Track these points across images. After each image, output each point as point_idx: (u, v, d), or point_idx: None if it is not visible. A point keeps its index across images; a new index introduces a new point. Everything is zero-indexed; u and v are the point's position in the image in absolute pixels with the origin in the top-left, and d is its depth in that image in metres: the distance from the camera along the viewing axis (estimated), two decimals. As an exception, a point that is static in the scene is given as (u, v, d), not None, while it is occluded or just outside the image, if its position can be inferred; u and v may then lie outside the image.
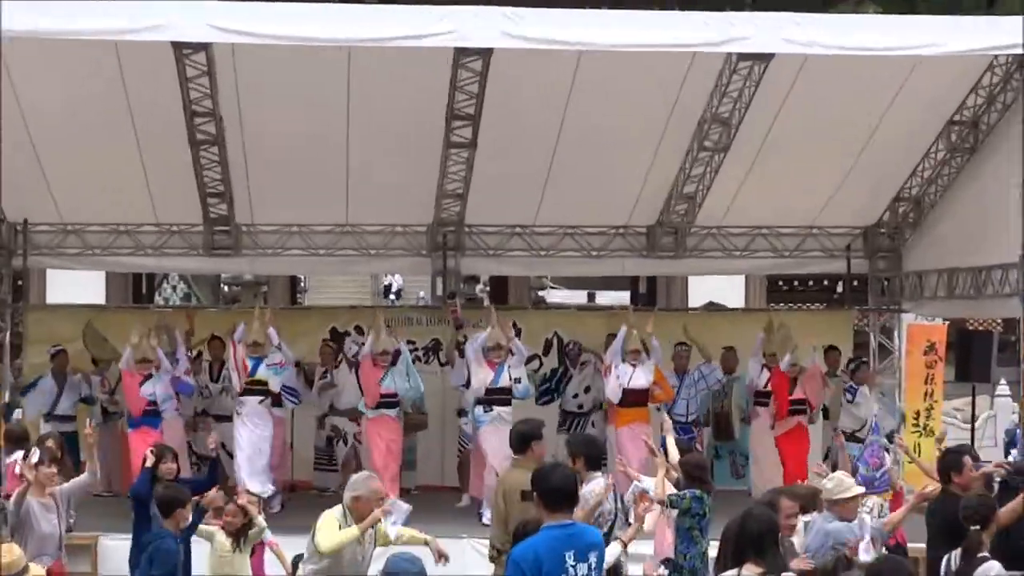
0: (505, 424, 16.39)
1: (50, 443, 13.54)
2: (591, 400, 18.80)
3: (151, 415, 16.76)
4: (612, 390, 17.36)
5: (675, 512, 11.69)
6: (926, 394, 20.34)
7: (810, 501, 11.36)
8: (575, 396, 18.85)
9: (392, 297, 43.21)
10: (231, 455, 16.83)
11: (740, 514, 8.39)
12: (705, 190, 17.97)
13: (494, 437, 16.33)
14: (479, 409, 16.91)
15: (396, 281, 39.61)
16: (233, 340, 16.90)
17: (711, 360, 18.94)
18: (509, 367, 16.92)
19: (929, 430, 20.00)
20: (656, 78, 15.58)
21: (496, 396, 16.82)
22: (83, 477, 12.49)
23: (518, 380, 17.02)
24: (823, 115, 16.37)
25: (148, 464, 12.49)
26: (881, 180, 18.48)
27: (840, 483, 11.10)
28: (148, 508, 11.78)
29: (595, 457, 11.63)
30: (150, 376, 16.80)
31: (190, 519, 11.36)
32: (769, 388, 18.11)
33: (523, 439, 11.30)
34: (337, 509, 9.94)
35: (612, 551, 10.26)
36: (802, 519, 11.08)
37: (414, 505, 13.57)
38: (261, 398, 16.84)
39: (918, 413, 20.07)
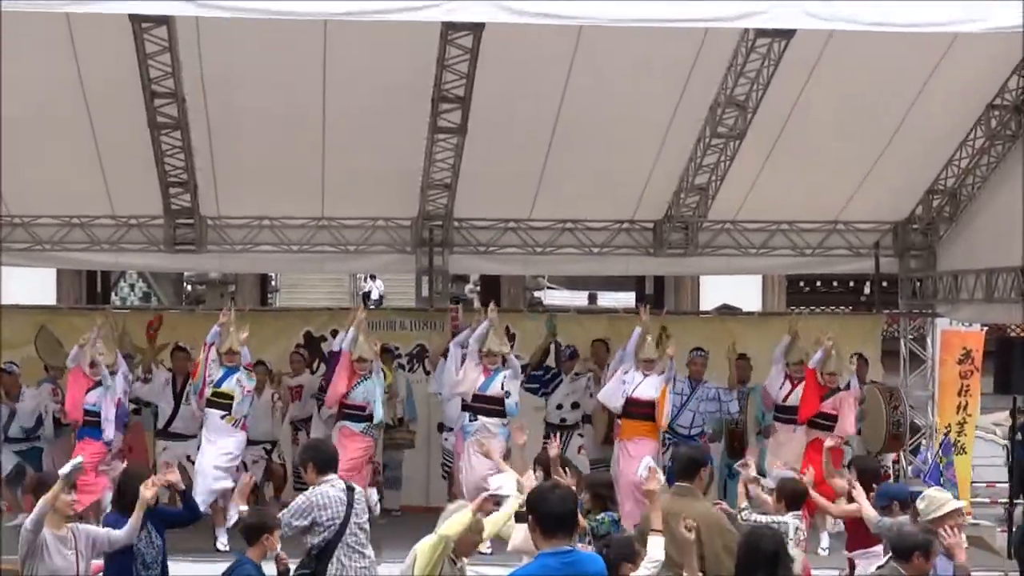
0: (491, 436, 16.36)
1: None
2: (576, 416, 18.79)
3: (91, 426, 16.63)
4: (613, 396, 17.21)
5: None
6: (959, 407, 20.27)
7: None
8: (559, 407, 18.84)
9: (371, 307, 42.96)
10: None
11: (747, 532, 8.41)
12: (718, 181, 17.93)
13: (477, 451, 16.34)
14: (465, 417, 16.90)
15: (376, 288, 39.44)
16: (206, 343, 16.76)
17: (734, 389, 18.75)
18: (504, 377, 16.86)
19: (961, 447, 19.95)
20: (664, 57, 15.53)
21: (483, 404, 16.77)
22: (120, 533, 11.33)
23: (508, 394, 16.91)
24: (849, 98, 16.34)
25: (147, 497, 11.39)
26: (913, 170, 18.44)
27: (932, 500, 10.94)
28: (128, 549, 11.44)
29: (325, 462, 11.42)
30: (99, 384, 16.68)
31: (278, 548, 10.99)
32: (790, 403, 17.84)
33: (690, 464, 11.10)
34: (431, 538, 9.81)
35: None
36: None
37: (398, 527, 13.49)
38: (223, 414, 16.71)
39: (949, 427, 20.00)
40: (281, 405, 18.01)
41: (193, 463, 17.05)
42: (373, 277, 40.64)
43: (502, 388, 16.82)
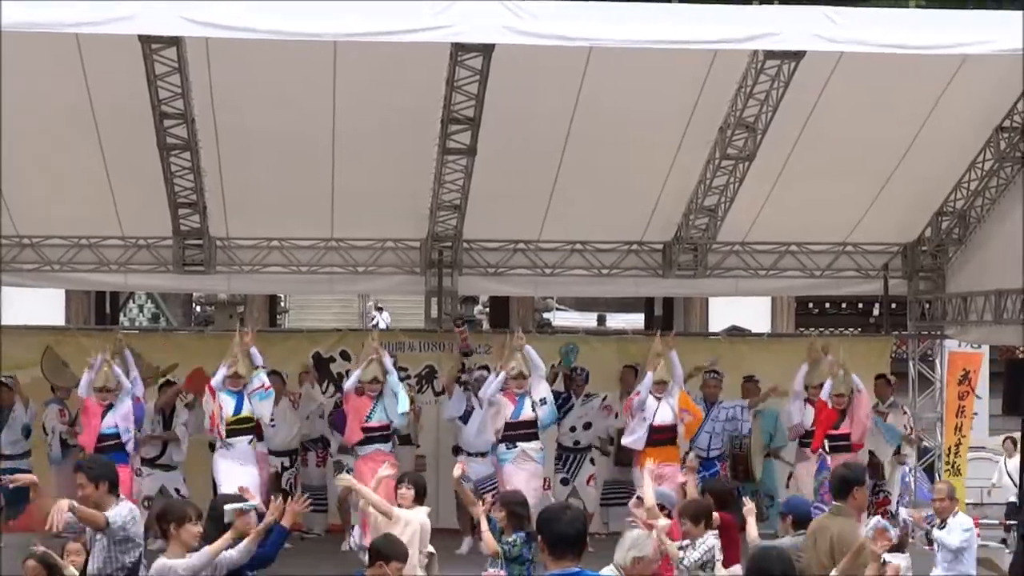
0: (529, 461, 16.37)
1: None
2: (589, 437, 18.76)
3: (113, 450, 16.36)
4: (637, 436, 17.17)
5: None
6: (956, 428, 20.27)
7: None
8: (572, 430, 18.81)
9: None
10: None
11: (754, 555, 8.40)
12: (728, 202, 17.91)
13: (519, 475, 16.31)
14: (501, 447, 16.93)
15: (383, 320, 39.37)
16: (211, 387, 16.68)
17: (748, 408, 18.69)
18: (530, 395, 16.85)
19: (957, 468, 19.94)
20: (674, 78, 15.53)
21: (519, 431, 16.77)
22: (234, 553, 10.69)
23: (543, 401, 16.90)
24: (858, 120, 16.32)
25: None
26: (922, 192, 18.42)
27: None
28: None
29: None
30: (111, 407, 16.65)
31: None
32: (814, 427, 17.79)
33: (845, 484, 11.05)
34: (607, 570, 9.72)
35: None
36: None
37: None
38: (250, 438, 16.62)
39: (949, 450, 19.98)
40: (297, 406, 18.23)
41: (177, 492, 17.15)
42: (380, 309, 40.64)
43: (533, 410, 16.82)
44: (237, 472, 16.23)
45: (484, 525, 11.89)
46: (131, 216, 18.09)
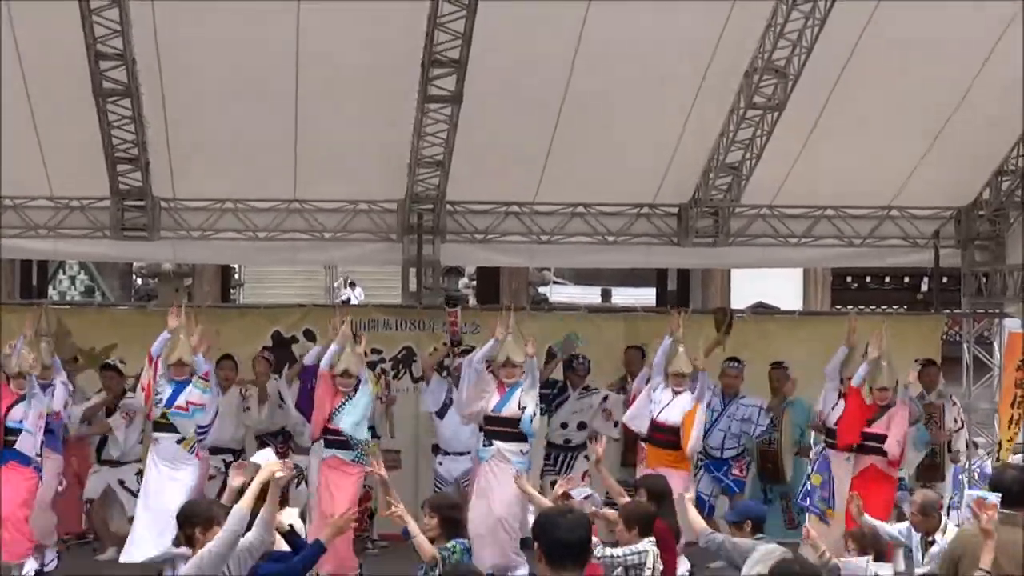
0: (506, 464, 16.35)
1: None
2: (582, 437, 18.79)
3: (13, 445, 16.18)
4: (639, 418, 17.22)
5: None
6: (1012, 420, 20.27)
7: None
8: (564, 426, 18.89)
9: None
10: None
11: (775, 567, 8.52)
12: (754, 160, 17.95)
13: (494, 479, 16.33)
14: (479, 442, 16.92)
15: (355, 296, 39.36)
16: (150, 354, 16.71)
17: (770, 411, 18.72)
18: (520, 391, 16.87)
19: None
20: (692, 16, 15.61)
21: (497, 427, 16.81)
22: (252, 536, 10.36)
23: (524, 408, 16.85)
24: (905, 65, 16.39)
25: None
26: (979, 148, 18.48)
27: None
28: None
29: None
30: (23, 399, 16.34)
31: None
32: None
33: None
34: None
35: None
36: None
37: (378, 560, 13.51)
38: (179, 437, 16.55)
39: (1000, 445, 20.04)
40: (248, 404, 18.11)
41: (130, 491, 17.17)
42: (352, 284, 40.64)
43: (519, 407, 16.81)
44: (164, 487, 16.23)
45: (414, 528, 11.89)
46: (62, 173, 18.11)
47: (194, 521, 10.21)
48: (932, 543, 13.76)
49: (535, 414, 16.85)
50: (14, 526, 16.02)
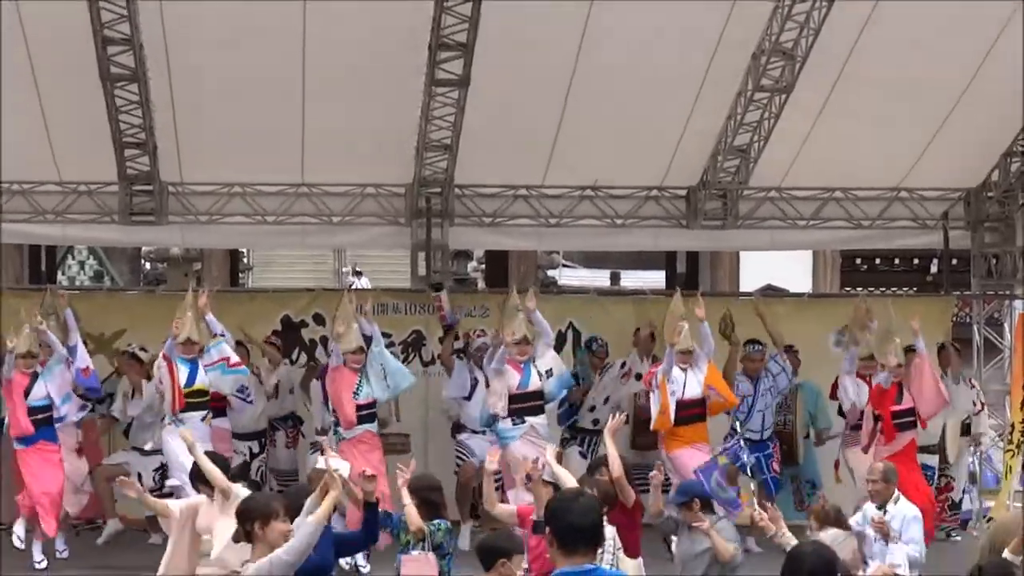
0: (539, 438, 16.39)
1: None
2: (608, 412, 18.72)
3: (44, 424, 16.54)
4: (662, 411, 17.14)
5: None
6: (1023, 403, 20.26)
7: None
8: (592, 409, 18.86)
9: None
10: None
11: (793, 553, 8.53)
12: (762, 142, 17.96)
13: (531, 454, 16.35)
14: (506, 423, 17.01)
15: (362, 285, 39.34)
16: (165, 355, 16.72)
17: (781, 352, 18.62)
18: (535, 362, 16.92)
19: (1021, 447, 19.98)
20: (700, -3, 15.60)
21: (525, 403, 16.85)
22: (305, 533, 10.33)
23: (549, 372, 16.95)
24: (914, 46, 16.35)
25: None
26: (989, 130, 18.45)
27: None
28: None
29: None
30: (36, 376, 16.61)
31: None
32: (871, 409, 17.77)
33: None
34: None
35: None
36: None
37: (384, 545, 13.43)
38: (204, 413, 16.71)
39: (1013, 427, 20.00)
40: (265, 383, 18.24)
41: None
42: (359, 273, 40.59)
43: (540, 376, 16.96)
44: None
45: (407, 499, 11.91)
46: (70, 158, 18.13)
47: (252, 516, 10.06)
48: (885, 512, 13.87)
49: (557, 372, 17.19)
50: (51, 502, 16.43)
